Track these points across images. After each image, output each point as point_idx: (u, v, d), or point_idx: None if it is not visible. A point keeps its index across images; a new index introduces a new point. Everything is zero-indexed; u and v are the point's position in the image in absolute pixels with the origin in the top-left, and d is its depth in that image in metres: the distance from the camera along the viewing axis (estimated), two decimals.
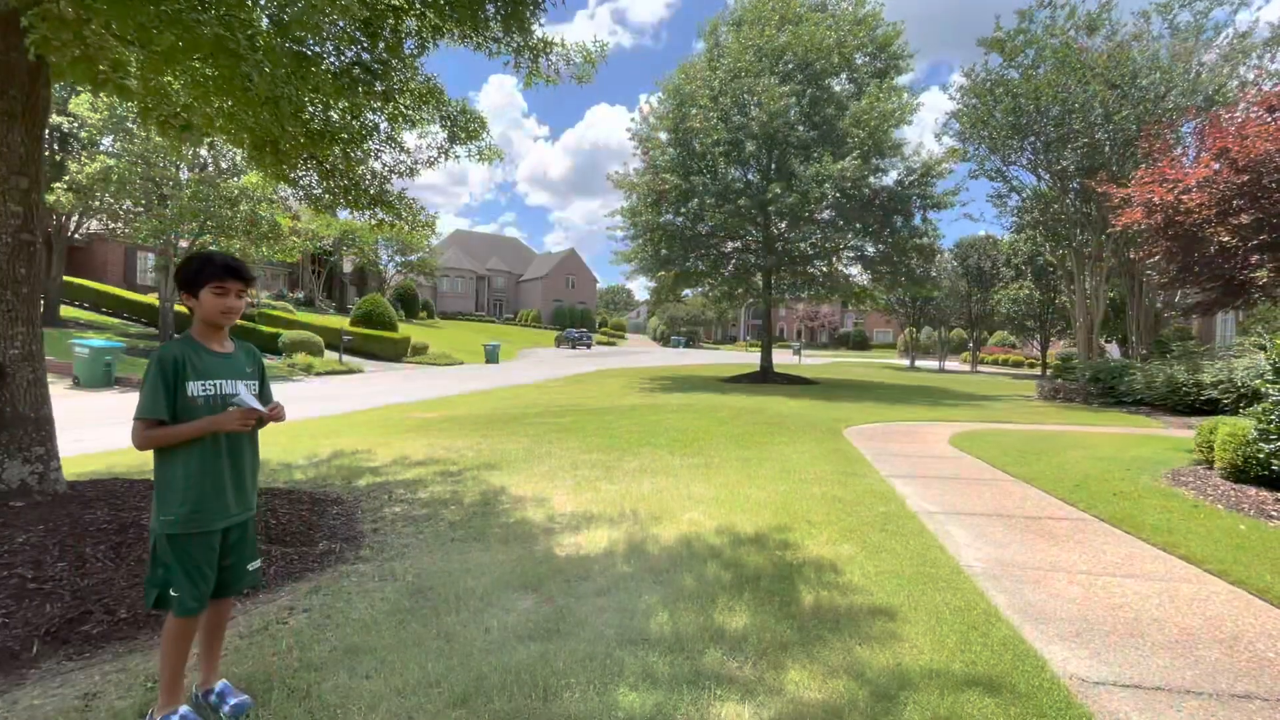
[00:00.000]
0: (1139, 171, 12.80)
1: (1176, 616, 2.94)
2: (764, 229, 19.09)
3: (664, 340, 65.13)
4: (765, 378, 20.07)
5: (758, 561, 3.52)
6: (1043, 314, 31.62)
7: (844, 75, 19.13)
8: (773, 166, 18.72)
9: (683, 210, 19.05)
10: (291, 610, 2.92)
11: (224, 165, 19.73)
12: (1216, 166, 10.30)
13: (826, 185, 16.06)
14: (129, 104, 3.95)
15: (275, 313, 26.98)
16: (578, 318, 64.60)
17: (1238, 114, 11.53)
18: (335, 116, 5.10)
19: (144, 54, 3.59)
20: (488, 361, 28.43)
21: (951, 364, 42.17)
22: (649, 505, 4.71)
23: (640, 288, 79.85)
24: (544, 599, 3.01)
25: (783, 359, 34.12)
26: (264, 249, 20.46)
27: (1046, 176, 19.28)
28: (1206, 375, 11.42)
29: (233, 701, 2.16)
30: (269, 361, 19.84)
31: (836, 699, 2.16)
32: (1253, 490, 5.26)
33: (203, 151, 19.31)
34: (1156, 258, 13.12)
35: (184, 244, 19.88)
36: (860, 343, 69.06)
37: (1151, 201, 11.26)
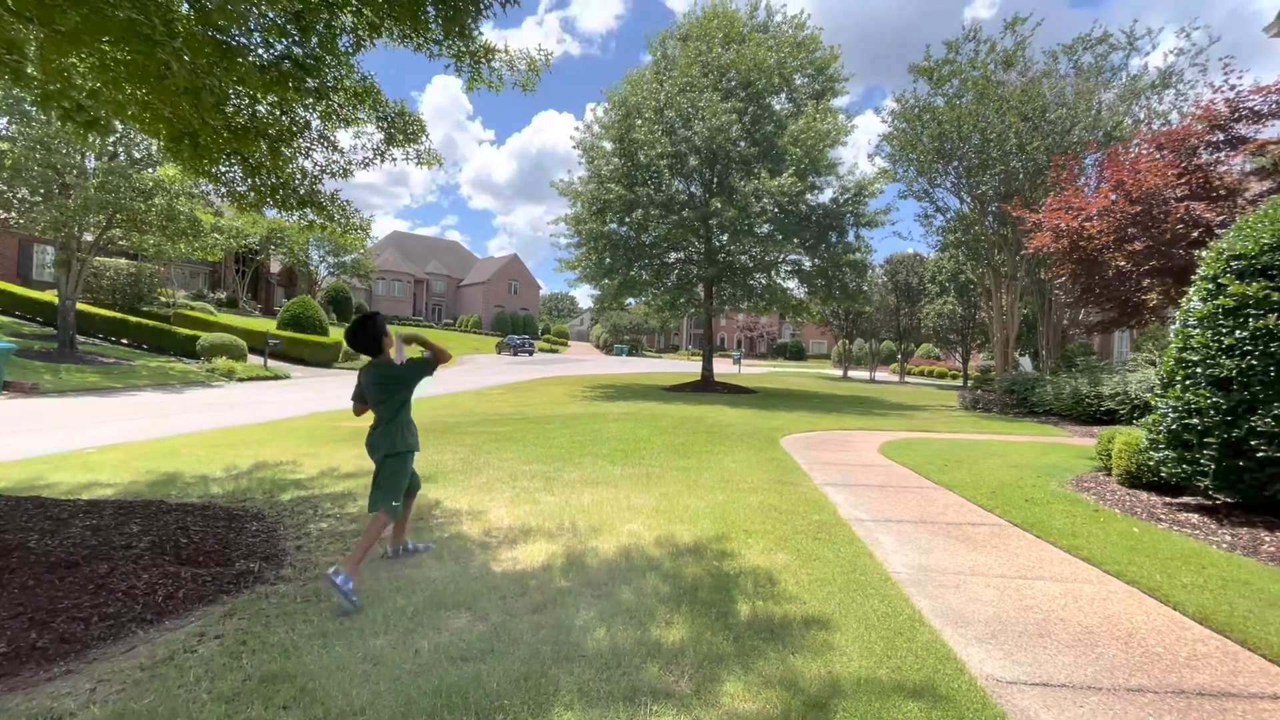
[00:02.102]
0: (1048, 199, 13.83)
1: (1080, 615, 3.16)
2: (706, 241, 19.44)
3: (607, 348, 65.09)
4: (706, 386, 20.37)
5: (696, 573, 3.55)
6: (964, 328, 33.56)
7: (784, 95, 19.79)
8: (715, 180, 19.12)
9: (627, 220, 19.17)
10: (202, 637, 2.73)
11: (137, 154, 18.39)
12: (1114, 197, 11.25)
13: (765, 200, 16.53)
14: (28, 88, 3.62)
15: (193, 314, 25.29)
16: (520, 324, 63.72)
17: (1132, 149, 12.65)
18: (263, 111, 4.85)
19: (45, 33, 3.30)
20: None
21: (881, 374, 44.06)
22: (589, 517, 4.67)
23: (584, 295, 79.63)
24: (478, 617, 2.93)
25: (723, 368, 34.72)
26: (182, 246, 19.15)
27: (968, 199, 20.55)
28: (1106, 388, 12.40)
29: (423, 546, 3.86)
30: (185, 366, 18.55)
31: (771, 710, 2.20)
32: (1145, 495, 5.74)
33: (112, 138, 17.93)
34: (1063, 279, 14.19)
35: (88, 237, 18.34)
36: (797, 353, 71.25)
37: (1059, 227, 12.17)
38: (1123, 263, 11.19)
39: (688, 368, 35.33)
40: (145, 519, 4.09)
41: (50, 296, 21.48)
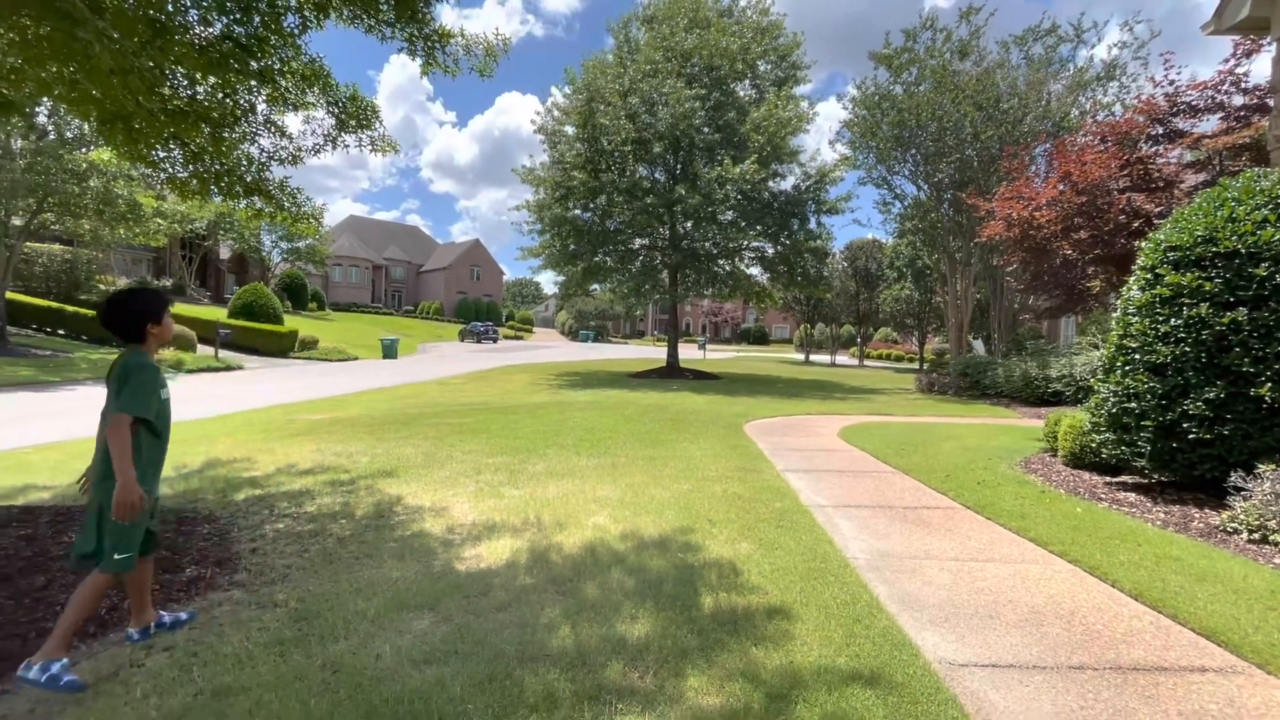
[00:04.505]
0: (1001, 188, 14.22)
1: (1026, 596, 3.31)
2: (670, 227, 19.43)
3: (573, 334, 64.74)
4: (671, 372, 20.48)
5: (660, 566, 3.58)
6: (921, 313, 34.46)
7: (747, 81, 19.80)
8: (679, 167, 19.06)
9: (591, 206, 19.00)
10: (150, 650, 2.62)
11: (69, 134, 17.28)
12: (1062, 188, 11.65)
13: (728, 187, 16.58)
14: None
15: None
16: (483, 311, 62.77)
17: (1079, 141, 13.09)
18: (203, 93, 4.60)
19: None
20: (385, 357, 27.00)
21: (842, 358, 44.99)
22: (554, 511, 4.66)
23: (548, 281, 78.85)
24: (441, 618, 2.90)
25: (688, 353, 34.95)
26: (121, 231, 18.17)
27: (925, 187, 20.99)
28: (1053, 371, 12.93)
29: (185, 615, 2.87)
30: None
31: (733, 703, 2.24)
32: (1087, 475, 6.02)
33: (42, 117, 16.80)
34: (1014, 266, 14.66)
35: (16, 221, 17.22)
36: (760, 338, 72.22)
37: (1010, 216, 12.54)
38: (1069, 251, 11.63)
39: (653, 353, 35.44)
40: None
41: None
